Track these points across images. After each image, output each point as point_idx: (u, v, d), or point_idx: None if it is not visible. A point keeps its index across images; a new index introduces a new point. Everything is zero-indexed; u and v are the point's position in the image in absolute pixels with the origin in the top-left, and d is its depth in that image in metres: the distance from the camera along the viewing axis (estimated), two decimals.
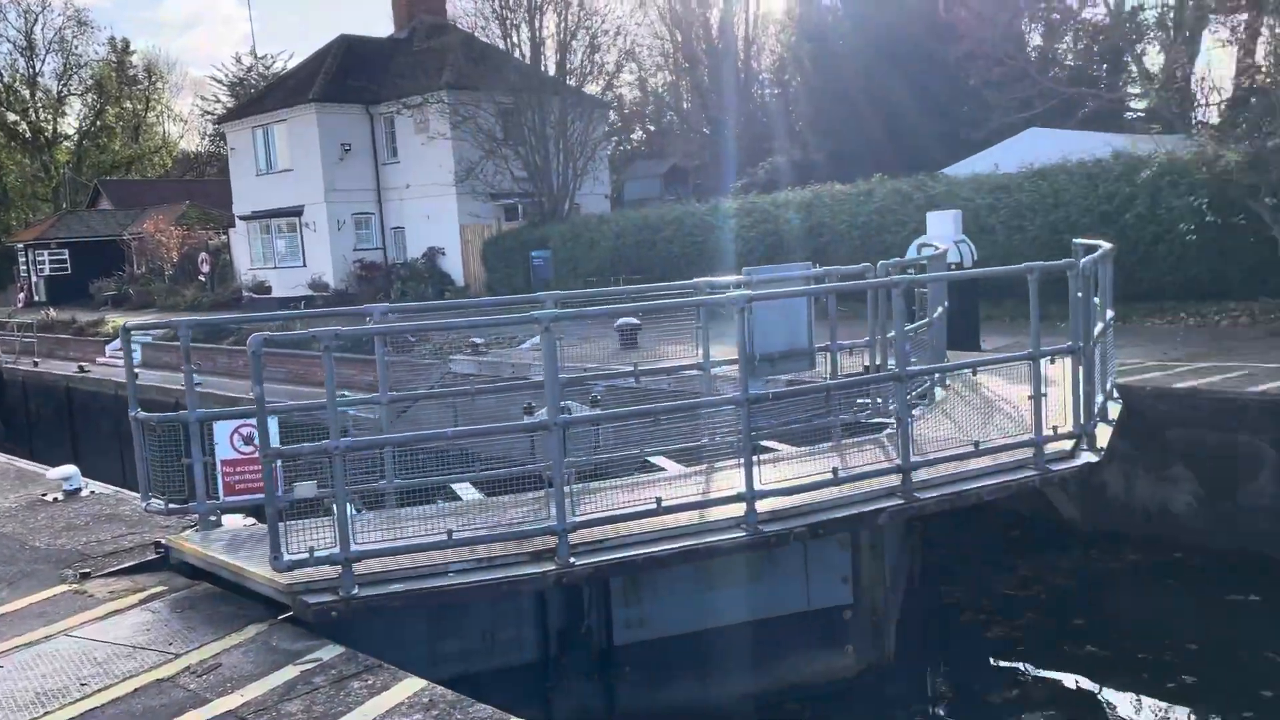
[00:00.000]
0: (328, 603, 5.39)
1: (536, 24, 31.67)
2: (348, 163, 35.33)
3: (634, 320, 14.79)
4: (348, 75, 35.71)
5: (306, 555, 5.48)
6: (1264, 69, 21.88)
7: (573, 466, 6.89)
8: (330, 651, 5.14)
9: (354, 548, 5.51)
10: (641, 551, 5.93)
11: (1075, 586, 9.51)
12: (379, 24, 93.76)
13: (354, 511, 6.39)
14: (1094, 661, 7.95)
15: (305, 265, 35.80)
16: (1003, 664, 8.10)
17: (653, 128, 52.74)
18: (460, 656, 6.60)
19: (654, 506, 6.04)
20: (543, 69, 31.98)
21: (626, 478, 7.46)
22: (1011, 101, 26.31)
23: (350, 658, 5.06)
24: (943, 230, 13.42)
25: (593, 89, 34.84)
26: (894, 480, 6.71)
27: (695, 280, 9.00)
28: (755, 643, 7.41)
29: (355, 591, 5.45)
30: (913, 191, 19.86)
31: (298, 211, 35.85)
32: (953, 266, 12.49)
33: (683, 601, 7.18)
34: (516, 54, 31.94)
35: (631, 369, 8.49)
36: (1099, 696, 7.53)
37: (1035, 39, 30.73)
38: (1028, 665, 8.02)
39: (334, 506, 5.55)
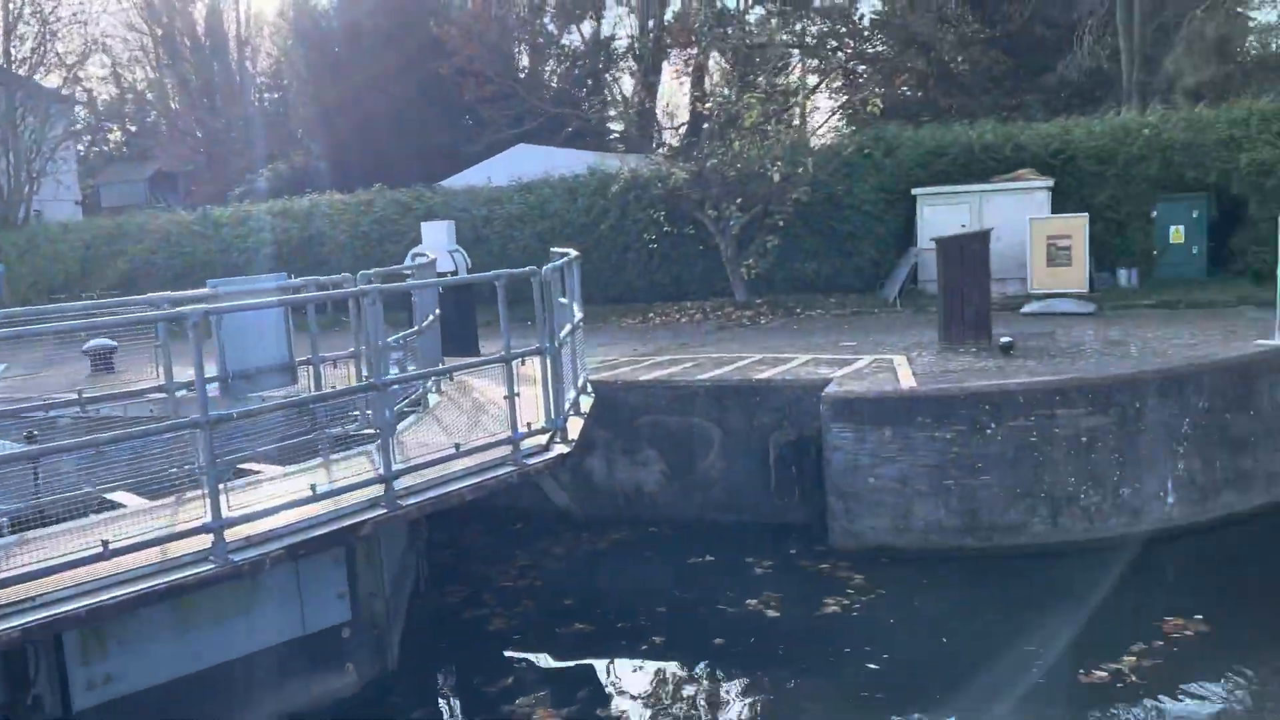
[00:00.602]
0: None
1: None
2: None
3: (109, 342, 13.23)
4: None
5: None
6: (710, 98, 25.43)
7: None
8: None
9: None
10: (85, 603, 5.25)
11: (566, 570, 10.22)
12: None
13: None
14: (582, 637, 8.60)
15: None
16: (502, 654, 8.43)
17: (134, 128, 47.63)
18: None
19: (100, 550, 5.39)
20: None
21: (78, 520, 6.61)
22: (505, 118, 27.78)
23: None
24: (436, 240, 13.74)
25: (51, 81, 30.58)
26: (378, 490, 6.68)
27: (152, 295, 8.23)
28: (247, 678, 6.97)
29: None
30: (412, 202, 20.14)
31: None
32: (447, 275, 12.84)
33: (160, 649, 6.53)
34: None
35: (77, 396, 7.53)
36: (587, 669, 8.16)
37: (524, 60, 32.69)
38: (524, 651, 8.44)
39: None
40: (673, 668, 8.02)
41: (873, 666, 7.75)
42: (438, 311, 10.72)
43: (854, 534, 9.87)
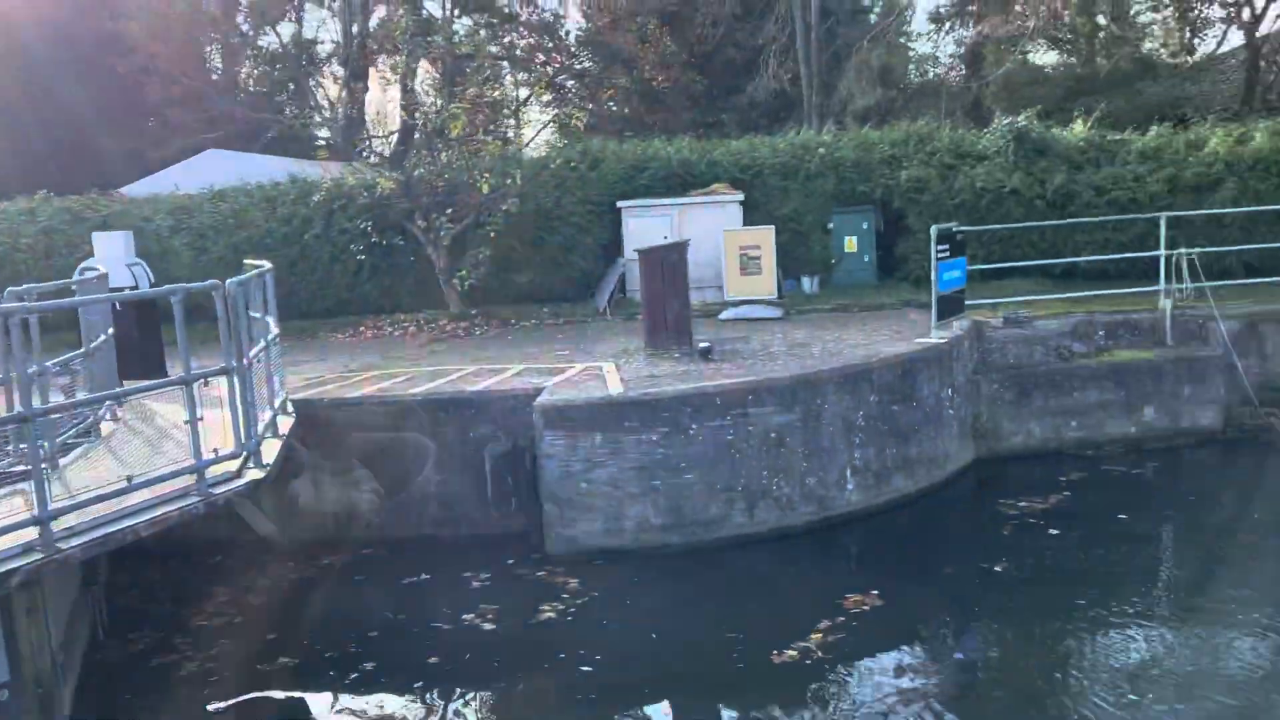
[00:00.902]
0: None
1: None
2: None
3: None
4: None
5: None
6: (422, 105, 24.97)
7: None
8: None
9: None
10: None
11: (270, 603, 9.62)
12: None
13: None
14: (287, 672, 8.14)
15: None
16: (196, 701, 7.80)
17: None
18: None
19: None
20: None
21: None
22: (196, 121, 25.89)
23: None
24: (112, 252, 12.52)
25: None
26: (33, 533, 5.97)
27: None
28: None
29: None
30: (85, 211, 18.28)
31: None
32: (124, 290, 11.74)
33: None
34: None
35: None
36: (294, 705, 7.73)
37: (217, 61, 30.58)
38: (221, 695, 7.84)
39: None
40: (384, 693, 7.76)
41: (586, 668, 7.90)
42: (110, 331, 9.78)
43: (569, 539, 10.03)
